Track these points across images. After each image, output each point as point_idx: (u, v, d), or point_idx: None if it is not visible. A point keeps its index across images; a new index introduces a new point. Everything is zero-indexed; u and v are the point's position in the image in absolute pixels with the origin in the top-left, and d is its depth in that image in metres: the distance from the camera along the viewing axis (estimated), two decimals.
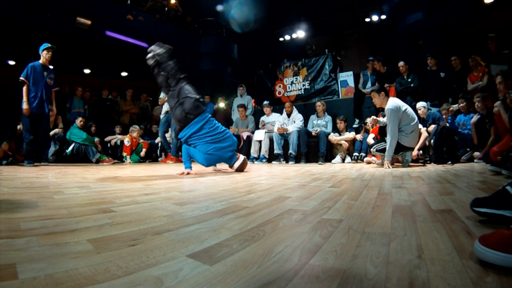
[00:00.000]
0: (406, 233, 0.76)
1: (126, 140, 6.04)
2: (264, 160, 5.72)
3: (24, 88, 4.21)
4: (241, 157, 3.13)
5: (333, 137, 5.34)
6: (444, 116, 4.71)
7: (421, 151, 4.00)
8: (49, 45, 4.39)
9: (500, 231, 0.60)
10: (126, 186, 1.88)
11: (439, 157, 3.90)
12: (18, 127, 4.85)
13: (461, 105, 4.54)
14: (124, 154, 6.05)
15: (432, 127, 4.20)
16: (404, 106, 3.55)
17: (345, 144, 5.26)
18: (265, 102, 6.31)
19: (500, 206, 0.84)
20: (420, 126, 4.06)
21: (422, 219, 0.92)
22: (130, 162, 5.93)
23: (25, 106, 4.18)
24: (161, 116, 5.98)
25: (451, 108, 4.77)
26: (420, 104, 4.64)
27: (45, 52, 4.35)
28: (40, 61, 4.36)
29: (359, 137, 5.15)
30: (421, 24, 6.93)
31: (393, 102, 3.53)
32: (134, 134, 6.12)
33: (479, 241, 0.58)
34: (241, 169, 3.11)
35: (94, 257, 0.60)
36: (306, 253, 0.64)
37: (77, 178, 2.37)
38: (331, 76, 6.83)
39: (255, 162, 5.74)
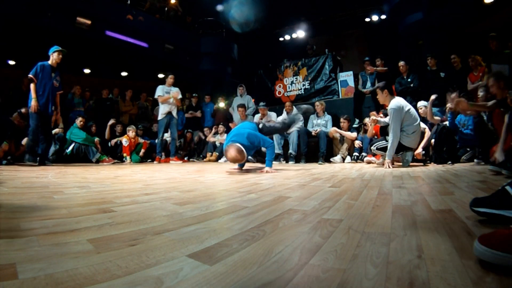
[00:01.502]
0: (406, 233, 0.76)
1: (124, 140, 6.04)
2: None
3: (32, 86, 4.22)
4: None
5: (334, 131, 5.29)
6: (444, 116, 4.70)
7: (423, 151, 4.00)
8: (60, 48, 4.45)
9: (499, 231, 0.60)
10: (126, 186, 1.88)
11: (439, 157, 3.90)
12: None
13: None
14: (124, 154, 6.05)
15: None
16: (407, 106, 3.55)
17: (347, 137, 5.19)
18: (261, 104, 6.10)
19: (500, 206, 0.84)
20: (424, 125, 4.05)
21: (422, 219, 0.92)
22: (130, 162, 5.93)
23: (33, 102, 4.19)
24: (161, 117, 5.79)
25: (449, 104, 4.74)
26: (421, 104, 4.64)
27: (55, 54, 4.40)
28: (49, 62, 4.40)
29: (357, 143, 5.12)
30: (421, 24, 6.93)
31: (396, 102, 3.51)
32: (131, 134, 6.12)
33: (478, 241, 0.58)
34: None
35: (94, 257, 0.60)
36: (306, 253, 0.64)
37: (77, 178, 2.37)
38: (331, 76, 6.83)
39: (257, 156, 5.71)
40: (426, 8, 6.71)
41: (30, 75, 4.23)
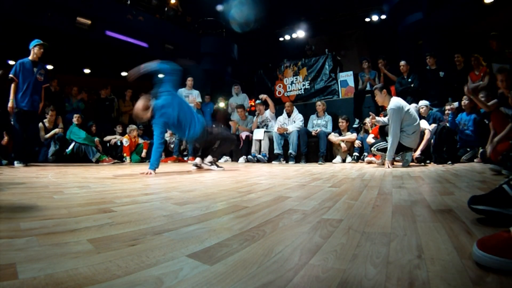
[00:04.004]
0: (406, 233, 0.76)
1: (125, 141, 6.04)
2: (266, 158, 5.70)
3: (13, 86, 4.18)
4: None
5: (333, 138, 5.32)
6: (445, 117, 4.69)
7: (421, 155, 3.95)
8: (41, 41, 4.37)
9: (498, 234, 0.59)
10: (126, 186, 1.88)
11: (439, 157, 3.90)
12: None
13: (464, 103, 4.47)
14: (124, 154, 6.05)
15: (432, 127, 4.19)
16: (407, 106, 3.55)
17: (345, 147, 5.20)
18: (258, 101, 6.32)
19: (497, 204, 0.84)
20: (425, 123, 4.02)
21: (422, 219, 0.92)
22: (130, 162, 5.93)
23: (10, 104, 4.16)
24: None
25: (451, 106, 4.74)
26: (422, 103, 4.63)
27: (36, 48, 4.31)
28: (30, 57, 4.32)
29: (357, 143, 5.11)
30: (421, 24, 6.93)
31: (396, 101, 3.51)
32: (134, 133, 6.12)
33: (477, 245, 0.57)
34: None
35: (94, 257, 0.60)
36: (306, 253, 0.64)
37: (77, 178, 2.37)
38: (331, 76, 6.83)
39: (257, 156, 5.70)
40: (426, 8, 6.71)
41: (10, 75, 4.20)
